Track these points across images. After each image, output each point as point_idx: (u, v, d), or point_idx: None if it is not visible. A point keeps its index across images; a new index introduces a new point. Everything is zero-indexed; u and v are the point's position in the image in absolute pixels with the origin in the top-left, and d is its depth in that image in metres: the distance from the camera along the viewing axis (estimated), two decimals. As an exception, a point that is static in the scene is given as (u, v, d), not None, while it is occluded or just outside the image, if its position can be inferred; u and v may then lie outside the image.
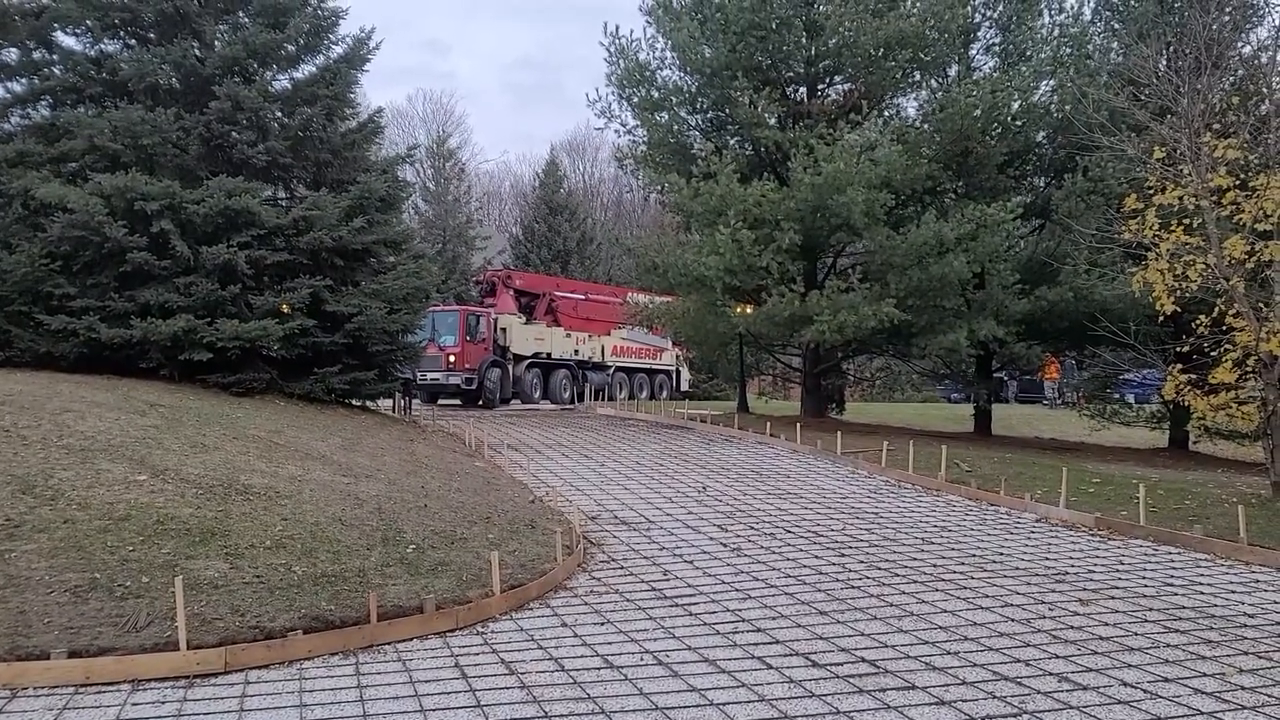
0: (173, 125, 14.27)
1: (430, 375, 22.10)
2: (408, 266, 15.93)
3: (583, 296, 28.21)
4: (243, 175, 14.43)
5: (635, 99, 21.80)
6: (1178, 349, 12.41)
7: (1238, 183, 12.07)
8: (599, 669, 6.12)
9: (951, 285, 18.59)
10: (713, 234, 18.78)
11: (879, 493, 13.55)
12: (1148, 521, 10.87)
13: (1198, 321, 12.35)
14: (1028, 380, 44.43)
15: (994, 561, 9.29)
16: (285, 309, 15.26)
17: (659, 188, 21.67)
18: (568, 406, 26.31)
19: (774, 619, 7.29)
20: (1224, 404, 12.05)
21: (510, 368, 24.52)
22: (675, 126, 21.83)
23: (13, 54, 15.27)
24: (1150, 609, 7.53)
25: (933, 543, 10.21)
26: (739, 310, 20.47)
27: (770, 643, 6.68)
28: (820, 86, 22.09)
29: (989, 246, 18.31)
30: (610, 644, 6.67)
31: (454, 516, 9.71)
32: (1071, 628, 6.98)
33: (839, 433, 17.20)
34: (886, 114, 22.71)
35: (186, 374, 14.00)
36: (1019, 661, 6.21)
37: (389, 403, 22.00)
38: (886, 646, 6.56)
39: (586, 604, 7.80)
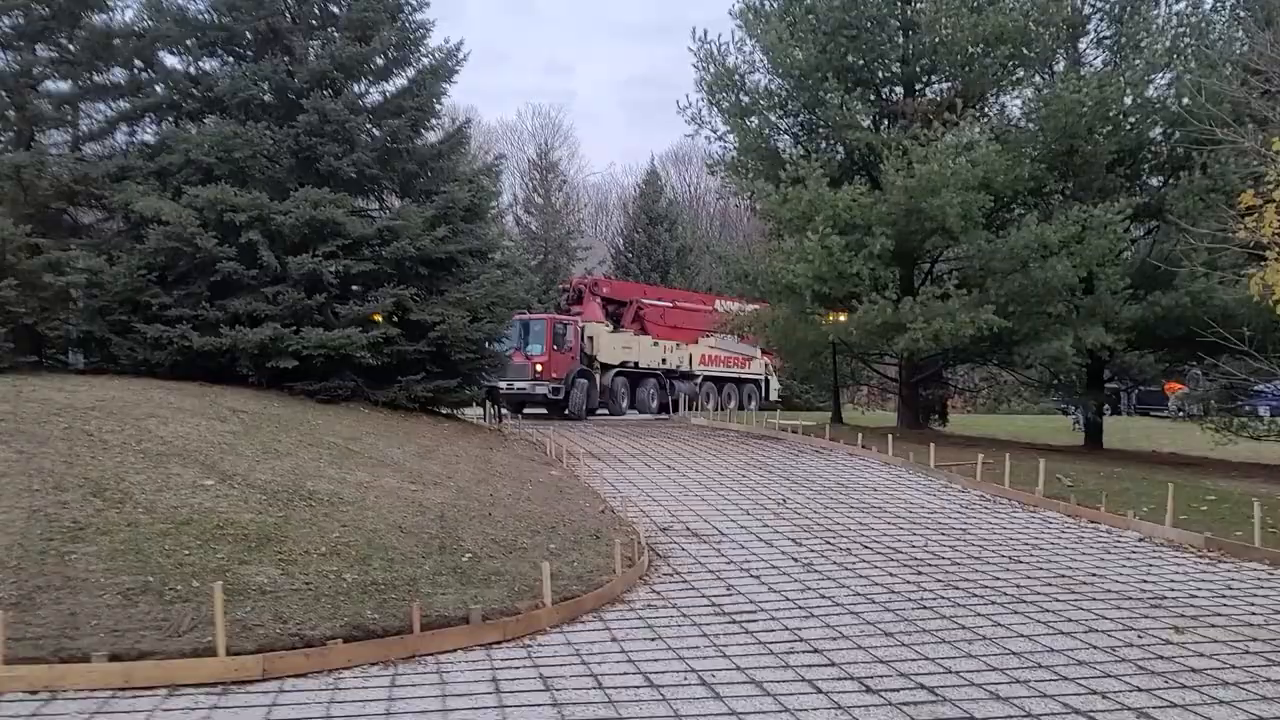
0: (263, 139, 14.64)
1: (517, 385, 22.03)
2: (491, 275, 15.94)
3: (670, 304, 27.82)
4: (329, 187, 14.66)
5: (725, 104, 21.46)
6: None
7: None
8: (638, 688, 5.84)
9: (1055, 291, 17.64)
10: (801, 240, 18.29)
11: (970, 508, 12.89)
12: (1264, 543, 10.00)
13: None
14: (1148, 391, 42.19)
15: (1084, 583, 8.64)
16: (378, 318, 15.50)
17: (748, 194, 21.28)
18: (660, 416, 26.06)
19: (834, 639, 6.89)
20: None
21: (597, 377, 24.32)
22: (765, 131, 21.40)
23: (118, 74, 15.92)
24: (1254, 639, 6.83)
25: (1021, 562, 9.59)
26: (830, 318, 19.91)
27: (825, 665, 6.29)
28: (917, 86, 21.36)
29: (1096, 249, 17.32)
30: (656, 661, 6.38)
31: (518, 525, 9.57)
32: (1161, 658, 6.37)
33: (931, 445, 16.48)
34: (988, 113, 21.82)
35: (274, 381, 14.29)
36: (1095, 694, 5.67)
37: (477, 411, 22.27)
38: (950, 673, 6.09)
39: (641, 618, 7.54)
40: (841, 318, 19.84)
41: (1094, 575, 9.00)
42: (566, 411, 23.27)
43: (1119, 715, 5.32)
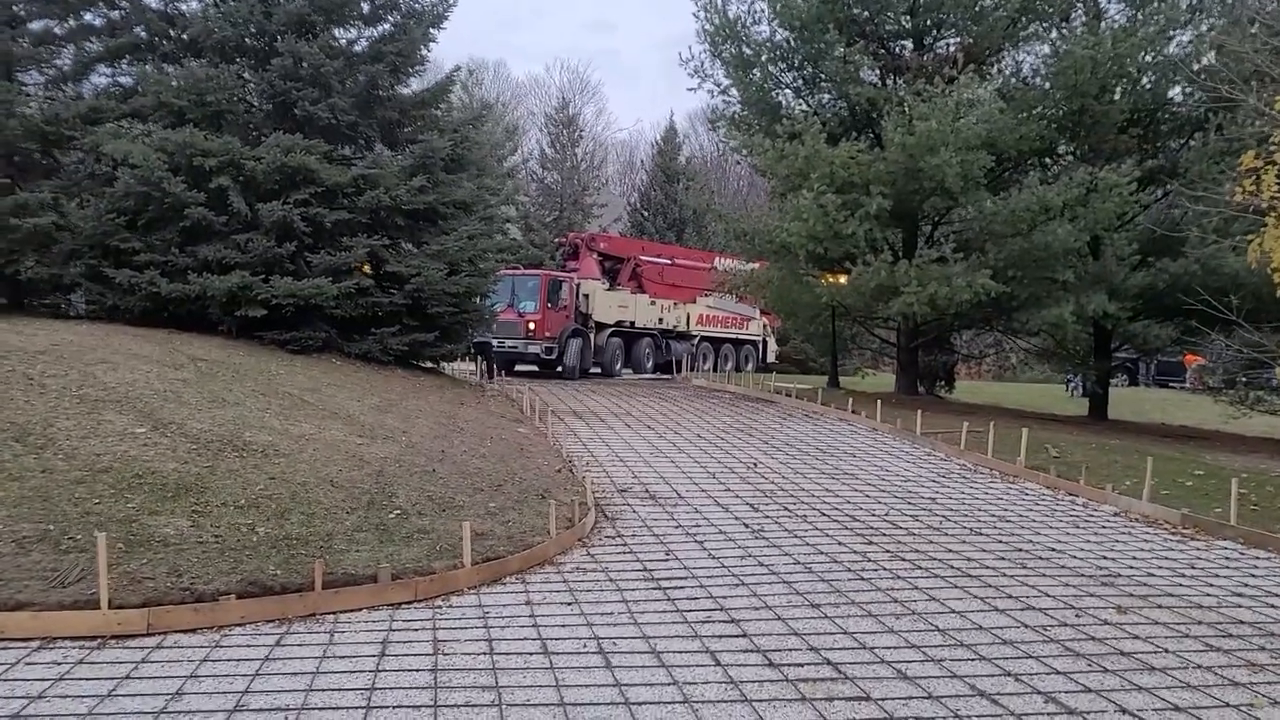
0: (236, 83, 14.29)
1: (508, 343, 21.61)
2: (470, 227, 15.57)
3: (669, 262, 27.04)
4: (304, 133, 14.32)
5: (726, 56, 20.83)
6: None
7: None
8: (531, 654, 5.56)
9: (1057, 256, 17.05)
10: (797, 199, 17.77)
11: (948, 476, 12.50)
12: (1240, 521, 9.57)
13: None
14: (1168, 362, 41.24)
15: (1040, 558, 8.27)
16: (365, 269, 15.21)
17: (746, 151, 20.69)
18: (662, 377, 25.65)
19: (756, 610, 6.57)
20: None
21: (592, 336, 23.83)
22: (766, 85, 20.77)
23: (99, 15, 15.59)
24: (1199, 622, 6.45)
25: (981, 534, 9.23)
26: (827, 280, 19.41)
27: (736, 635, 5.98)
28: (926, 40, 20.62)
29: (1101, 213, 16.68)
30: (564, 628, 6.11)
31: (461, 483, 9.31)
32: (1093, 639, 6.01)
33: (919, 412, 16.05)
34: (1002, 70, 21.05)
35: (245, 330, 14.08)
36: (1009, 675, 5.33)
37: (470, 366, 21.98)
38: (864, 649, 5.76)
39: (565, 582, 7.26)
40: (839, 280, 19.35)
41: (1053, 550, 8.62)
42: (559, 370, 22.88)
43: (1026, 699, 4.98)
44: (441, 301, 15.34)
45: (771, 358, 30.93)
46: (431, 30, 16.62)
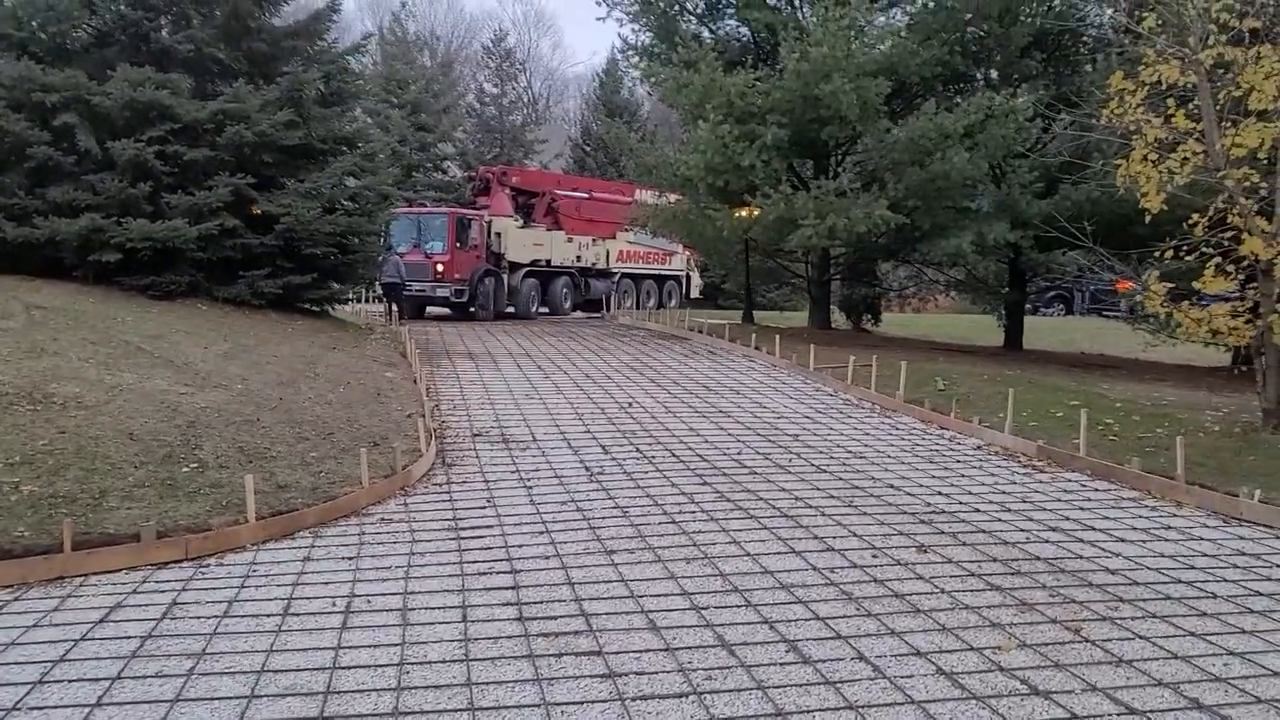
0: (80, 11, 13.43)
1: (415, 286, 20.89)
2: (342, 165, 14.91)
3: (586, 195, 26.23)
4: (160, 67, 13.53)
5: (631, -19, 20.13)
6: (1157, 254, 10.59)
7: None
8: (267, 616, 5.23)
9: (956, 185, 16.73)
10: (695, 129, 17.26)
11: (825, 412, 12.27)
12: (1095, 452, 9.41)
13: (1190, 221, 10.49)
14: (1104, 291, 41.31)
15: (873, 495, 8.05)
16: (256, 211, 14.53)
17: (652, 80, 20.06)
18: (593, 316, 25.18)
19: (545, 559, 6.27)
20: (1206, 318, 10.29)
21: (505, 277, 23.20)
22: (670, 12, 20.09)
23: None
24: (994, 559, 6.24)
25: (825, 471, 8.99)
26: (734, 214, 18.97)
27: (506, 588, 5.68)
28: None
29: (997, 140, 16.34)
30: (326, 585, 5.78)
31: (285, 432, 8.89)
32: (875, 581, 5.78)
33: (811, 347, 15.79)
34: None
35: (104, 277, 13.44)
36: (765, 623, 5.07)
37: (379, 309, 21.36)
38: (631, 597, 5.49)
39: (360, 534, 6.92)
40: (746, 213, 18.92)
41: (891, 487, 8.40)
42: (471, 312, 22.29)
43: (766, 649, 4.72)
44: (318, 242, 14.73)
45: (696, 293, 30.50)
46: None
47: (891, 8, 20.15)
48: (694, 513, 7.45)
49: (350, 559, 6.35)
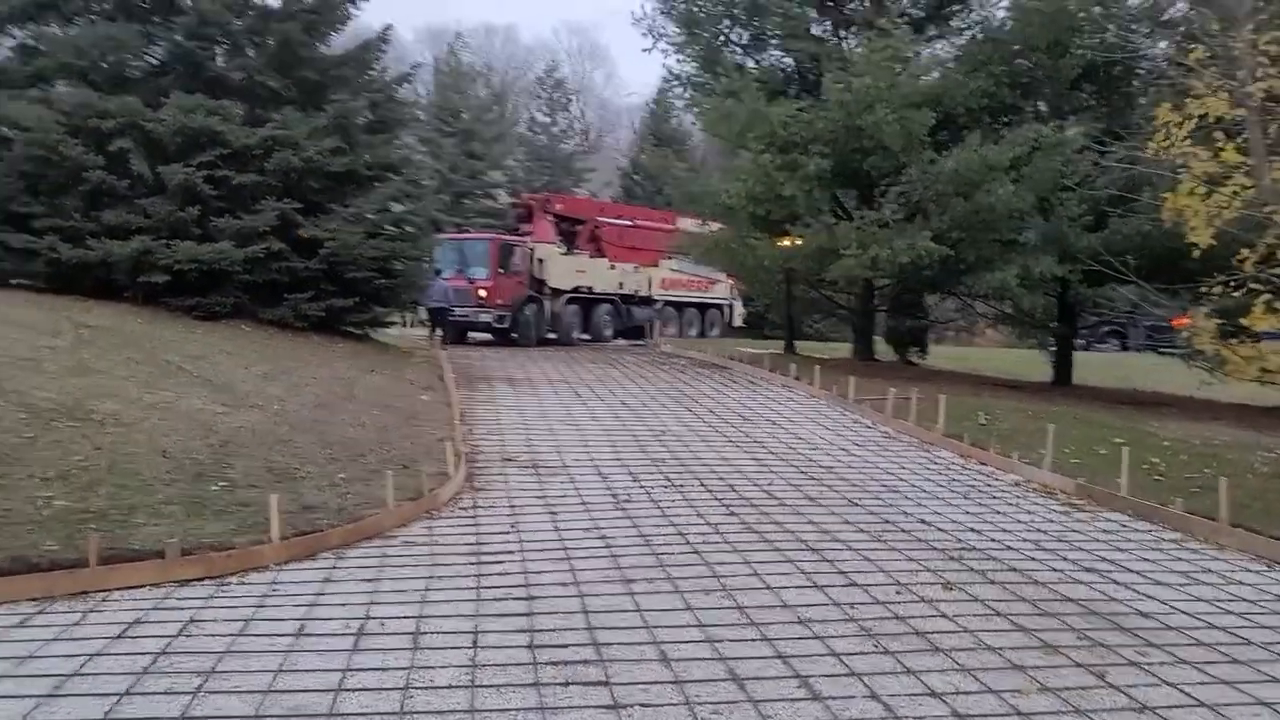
0: (139, 41, 13.85)
1: (458, 311, 21.02)
2: (387, 191, 15.14)
3: (630, 223, 26.24)
4: (213, 94, 13.89)
5: (675, 13, 20.21)
6: (1206, 290, 10.32)
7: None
8: (280, 636, 5.25)
9: (1002, 217, 16.49)
10: (738, 159, 17.26)
11: (862, 445, 12.10)
12: (1137, 491, 9.15)
13: (1240, 256, 10.21)
14: (1161, 326, 40.28)
15: (903, 531, 7.89)
16: (304, 235, 14.79)
17: (697, 110, 20.13)
18: (637, 343, 25.17)
19: (563, 588, 6.24)
20: (1257, 355, 9.99)
21: (547, 303, 23.32)
22: (715, 43, 20.14)
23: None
24: (1023, 599, 6.07)
25: (857, 504, 8.85)
26: (775, 243, 18.87)
27: (520, 615, 5.65)
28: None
29: (1044, 172, 16.09)
30: (342, 607, 5.79)
31: (316, 453, 8.98)
32: (896, 618, 5.65)
33: (851, 379, 15.61)
34: (972, 20, 20.31)
35: (153, 297, 13.77)
36: (779, 657, 4.97)
37: (420, 333, 21.54)
38: (644, 628, 5.42)
39: (383, 556, 6.94)
40: (786, 242, 18.82)
41: (923, 522, 8.24)
42: (513, 338, 22.39)
43: (777, 684, 4.62)
44: (361, 266, 14.94)
45: (738, 321, 30.36)
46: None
47: (939, 39, 20.05)
48: (718, 543, 7.37)
49: (369, 581, 6.37)
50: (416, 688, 4.56)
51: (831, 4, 19.49)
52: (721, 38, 20.44)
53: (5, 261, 13.64)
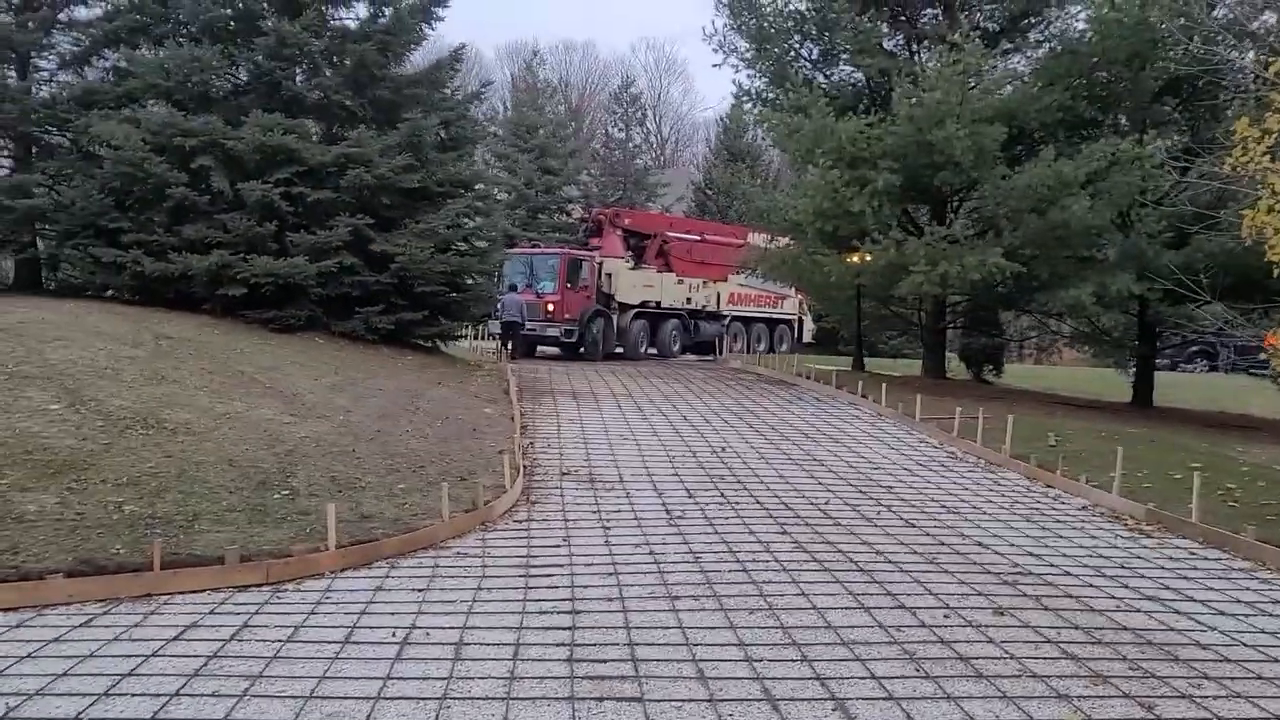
0: (222, 62, 14.38)
1: (528, 324, 21.27)
2: (456, 207, 15.43)
3: (698, 238, 26.22)
4: (287, 113, 14.36)
5: (746, 28, 20.21)
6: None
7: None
8: (328, 643, 5.37)
9: (1076, 234, 16.09)
10: (806, 174, 17.18)
11: (926, 465, 11.90)
12: (1209, 518, 8.82)
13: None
14: (1249, 345, 38.76)
15: (959, 554, 7.74)
16: (376, 250, 15.18)
17: (766, 126, 20.07)
18: (705, 359, 25.15)
19: (608, 602, 6.26)
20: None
21: (615, 318, 23.42)
22: (785, 58, 20.08)
23: (102, 4, 15.89)
24: (1077, 626, 5.90)
25: (914, 525, 8.71)
26: (844, 259, 18.71)
27: (563, 628, 5.69)
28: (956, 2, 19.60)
29: (1122, 188, 15.66)
30: (391, 616, 5.91)
31: (379, 464, 9.18)
32: (942, 642, 5.54)
33: (918, 396, 15.36)
34: (1049, 33, 19.93)
35: (231, 309, 14.24)
36: (817, 679, 4.91)
37: (488, 345, 21.85)
38: (684, 645, 5.41)
39: (435, 566, 7.06)
40: (854, 258, 18.63)
41: (980, 545, 8.07)
42: (581, 352, 22.56)
43: (813, 706, 4.57)
44: (431, 280, 15.24)
45: (808, 337, 30.09)
46: (435, 10, 16.48)
47: (1015, 53, 19.69)
48: (767, 562, 7.32)
49: (420, 590, 6.48)
50: (454, 698, 4.63)
51: (905, 19, 19.29)
52: (791, 53, 20.39)
53: (95, 274, 14.28)
